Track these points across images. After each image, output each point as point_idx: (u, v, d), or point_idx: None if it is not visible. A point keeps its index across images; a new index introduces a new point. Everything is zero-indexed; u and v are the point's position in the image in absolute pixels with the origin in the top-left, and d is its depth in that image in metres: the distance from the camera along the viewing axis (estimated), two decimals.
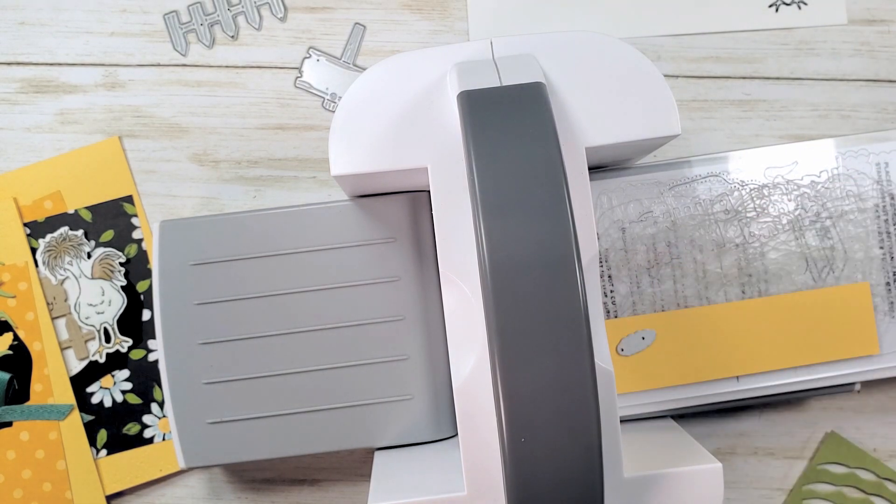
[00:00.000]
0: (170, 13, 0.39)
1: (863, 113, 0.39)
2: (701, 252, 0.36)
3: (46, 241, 0.38)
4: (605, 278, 0.35)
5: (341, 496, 0.38)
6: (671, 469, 0.29)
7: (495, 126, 0.26)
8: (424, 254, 0.35)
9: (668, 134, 0.30)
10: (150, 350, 0.38)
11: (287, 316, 0.35)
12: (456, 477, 0.30)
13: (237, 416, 0.35)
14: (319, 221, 0.35)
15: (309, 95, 0.40)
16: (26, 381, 0.38)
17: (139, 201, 0.39)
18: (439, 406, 0.35)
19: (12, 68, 0.39)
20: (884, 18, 0.40)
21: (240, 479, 0.38)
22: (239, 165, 0.39)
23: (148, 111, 0.39)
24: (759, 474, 0.38)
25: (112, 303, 0.38)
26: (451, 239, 0.29)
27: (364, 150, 0.30)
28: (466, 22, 0.40)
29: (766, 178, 0.36)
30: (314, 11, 0.40)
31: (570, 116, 0.30)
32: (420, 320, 0.35)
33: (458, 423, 0.29)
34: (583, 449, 0.24)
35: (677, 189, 0.35)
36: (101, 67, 0.39)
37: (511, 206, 0.25)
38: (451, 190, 0.29)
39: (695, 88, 0.40)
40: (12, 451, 0.37)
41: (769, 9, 0.40)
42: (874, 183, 0.36)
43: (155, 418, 0.38)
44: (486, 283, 0.24)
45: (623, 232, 0.35)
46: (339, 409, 0.35)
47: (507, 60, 0.29)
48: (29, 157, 0.39)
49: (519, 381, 0.24)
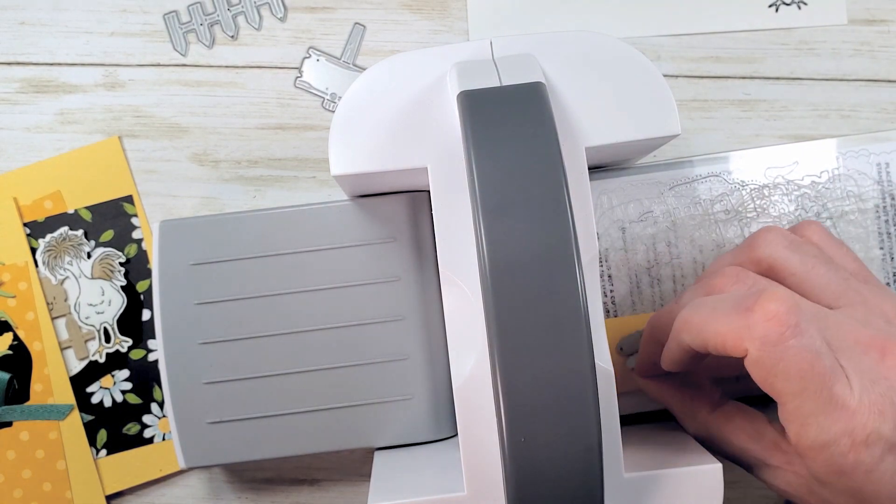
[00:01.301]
0: (170, 13, 0.39)
1: (863, 113, 0.39)
2: (701, 252, 0.36)
3: (46, 241, 0.38)
4: (605, 278, 0.35)
5: (341, 496, 0.38)
6: (671, 469, 0.29)
7: (495, 126, 0.26)
8: (424, 254, 0.35)
9: (668, 134, 0.30)
10: (150, 350, 0.38)
11: (287, 316, 0.35)
12: (456, 477, 0.30)
13: (237, 416, 0.35)
14: (319, 221, 0.35)
15: (309, 95, 0.40)
16: (26, 381, 0.38)
17: (139, 201, 0.39)
18: (439, 406, 0.35)
19: (12, 68, 0.39)
20: (884, 18, 0.40)
21: (240, 479, 0.38)
22: (239, 165, 0.39)
23: (148, 111, 0.39)
24: None
25: (112, 303, 0.38)
26: (451, 239, 0.29)
27: (364, 150, 0.30)
28: (466, 22, 0.40)
29: (767, 178, 0.36)
30: (314, 11, 0.40)
31: (570, 116, 0.30)
32: (420, 320, 0.35)
33: (458, 423, 0.29)
34: (583, 449, 0.24)
35: (677, 189, 0.35)
36: (101, 67, 0.39)
37: (511, 206, 0.25)
38: (451, 190, 0.29)
39: (695, 88, 0.40)
40: (12, 451, 0.37)
41: (769, 9, 0.40)
42: (875, 183, 0.36)
43: (155, 418, 0.38)
44: (486, 283, 0.24)
45: (623, 232, 0.35)
46: (339, 409, 0.35)
47: (506, 60, 0.29)
48: (29, 157, 0.39)
49: (519, 382, 0.24)
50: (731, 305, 0.27)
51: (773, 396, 0.27)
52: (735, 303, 0.27)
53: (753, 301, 0.26)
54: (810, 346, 0.25)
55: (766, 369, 0.26)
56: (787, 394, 0.26)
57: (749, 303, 0.26)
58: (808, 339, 0.25)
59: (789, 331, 0.25)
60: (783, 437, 0.29)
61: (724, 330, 0.27)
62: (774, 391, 0.26)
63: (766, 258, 0.30)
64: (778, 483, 0.29)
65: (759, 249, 0.30)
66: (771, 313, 0.26)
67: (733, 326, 0.26)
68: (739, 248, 0.31)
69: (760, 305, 0.26)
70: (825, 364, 0.25)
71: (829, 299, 0.29)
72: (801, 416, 0.26)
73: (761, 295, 0.26)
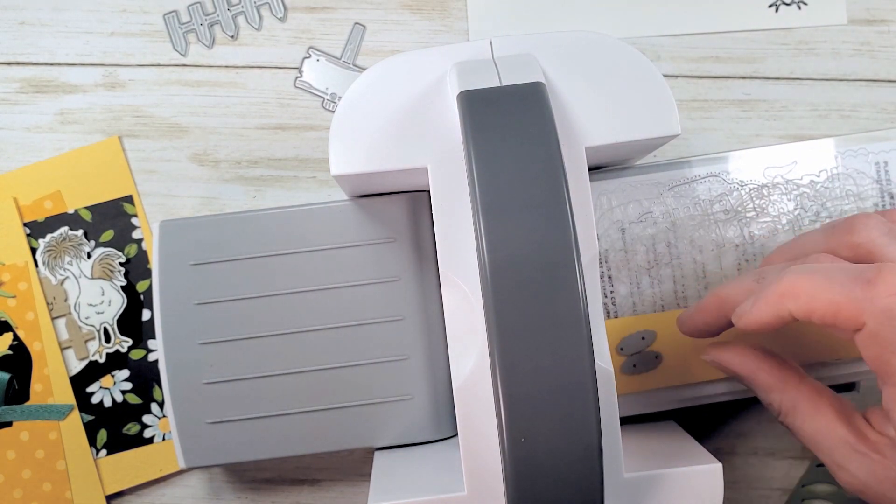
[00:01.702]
0: (170, 13, 0.40)
1: (863, 113, 0.39)
2: (701, 252, 0.36)
3: (46, 241, 0.38)
4: (605, 279, 0.35)
5: (341, 496, 0.38)
6: (671, 469, 0.29)
7: (495, 126, 0.26)
8: (424, 254, 0.35)
9: (668, 134, 0.30)
10: (150, 350, 0.38)
11: (287, 316, 0.35)
12: (456, 477, 0.30)
13: (237, 416, 0.35)
14: (319, 221, 0.35)
15: (309, 95, 0.40)
16: (26, 381, 0.38)
17: (139, 201, 0.39)
18: (439, 406, 0.35)
19: (12, 68, 0.39)
20: (884, 18, 0.40)
21: (240, 479, 0.38)
22: (239, 165, 0.39)
23: (148, 111, 0.39)
24: (759, 474, 0.38)
25: (112, 303, 0.38)
26: (451, 239, 0.29)
27: (364, 150, 0.30)
28: (466, 22, 0.40)
29: (766, 177, 0.36)
30: (314, 11, 0.40)
31: (570, 116, 0.30)
32: (420, 320, 0.35)
33: (458, 423, 0.29)
34: (583, 449, 0.24)
35: (677, 189, 0.35)
36: (101, 67, 0.39)
37: (511, 206, 0.25)
38: (451, 190, 0.29)
39: (695, 88, 0.40)
40: (12, 451, 0.37)
41: (769, 9, 0.40)
42: (873, 182, 0.36)
43: (155, 418, 0.38)
44: (486, 283, 0.24)
45: (623, 232, 0.35)
46: (339, 409, 0.35)
47: (506, 60, 0.29)
48: (29, 157, 0.39)
49: (519, 381, 0.24)
50: (849, 276, 0.26)
51: (883, 376, 0.26)
52: (854, 274, 0.26)
53: (875, 274, 0.25)
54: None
55: (883, 345, 0.25)
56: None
57: (870, 275, 0.25)
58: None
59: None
60: (870, 427, 0.28)
61: (840, 300, 0.25)
62: (890, 367, 0.25)
63: (866, 243, 0.28)
64: (860, 473, 0.27)
65: (857, 234, 0.29)
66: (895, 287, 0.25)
67: (852, 297, 0.25)
68: (832, 229, 0.30)
69: (883, 278, 0.25)
70: None
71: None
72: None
73: (883, 268, 0.25)
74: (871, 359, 0.26)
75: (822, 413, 0.28)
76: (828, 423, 0.28)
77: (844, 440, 0.28)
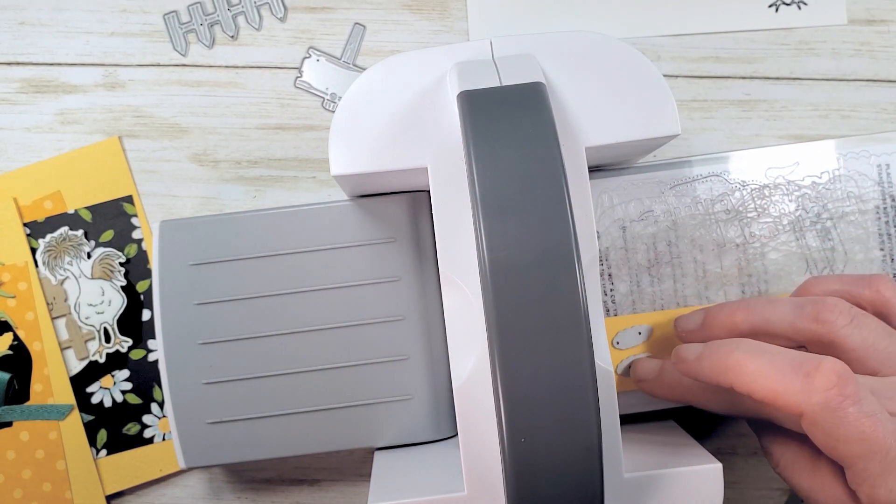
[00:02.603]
0: (170, 13, 0.39)
1: (863, 113, 0.39)
2: (701, 252, 0.36)
3: (46, 241, 0.38)
4: (605, 277, 0.35)
5: (341, 496, 0.38)
6: (671, 469, 0.29)
7: (495, 126, 0.26)
8: (424, 254, 0.35)
9: (668, 134, 0.30)
10: (150, 350, 0.38)
11: (287, 316, 0.35)
12: (456, 477, 0.30)
13: (237, 416, 0.35)
14: (319, 221, 0.35)
15: (309, 95, 0.40)
16: (26, 381, 0.38)
17: (139, 201, 0.39)
18: (439, 406, 0.35)
19: (12, 68, 0.39)
20: (884, 18, 0.40)
21: (240, 479, 0.38)
22: (239, 165, 0.39)
23: (148, 111, 0.39)
24: (759, 474, 0.38)
25: (112, 303, 0.38)
26: (451, 239, 0.29)
27: (364, 150, 0.30)
28: (466, 22, 0.40)
29: (767, 178, 0.36)
30: (314, 11, 0.40)
31: (570, 116, 0.30)
32: (420, 320, 0.35)
33: (458, 423, 0.29)
34: (583, 449, 0.24)
35: (678, 188, 0.35)
36: (101, 67, 0.39)
37: (511, 206, 0.25)
38: (451, 190, 0.29)
39: (695, 88, 0.40)
40: (12, 451, 0.37)
41: (769, 9, 0.40)
42: (875, 184, 0.36)
43: (155, 418, 0.38)
44: (486, 283, 0.24)
45: (623, 231, 0.35)
46: (339, 409, 0.35)
47: (506, 60, 0.29)
48: (29, 157, 0.39)
49: (519, 382, 0.24)
50: (792, 364, 0.27)
51: (836, 459, 0.27)
52: (797, 363, 0.27)
53: (814, 367, 0.27)
54: (870, 411, 0.26)
55: (826, 433, 0.26)
56: (851, 457, 0.26)
57: (810, 367, 0.27)
58: (867, 405, 0.26)
59: (848, 400, 0.26)
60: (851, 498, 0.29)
61: (779, 388, 0.27)
62: (837, 454, 0.27)
63: (828, 334, 0.30)
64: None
65: (822, 325, 0.30)
66: (831, 382, 0.26)
67: (791, 388, 0.27)
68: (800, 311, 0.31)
69: (822, 373, 0.26)
70: (887, 427, 0.26)
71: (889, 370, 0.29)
72: (870, 478, 0.26)
73: (823, 362, 0.27)
74: (820, 444, 0.27)
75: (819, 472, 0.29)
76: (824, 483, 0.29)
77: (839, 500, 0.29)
